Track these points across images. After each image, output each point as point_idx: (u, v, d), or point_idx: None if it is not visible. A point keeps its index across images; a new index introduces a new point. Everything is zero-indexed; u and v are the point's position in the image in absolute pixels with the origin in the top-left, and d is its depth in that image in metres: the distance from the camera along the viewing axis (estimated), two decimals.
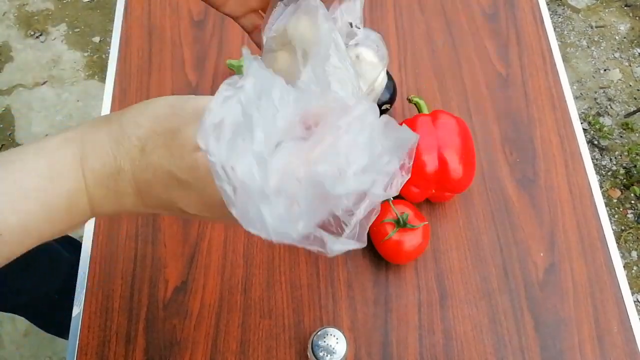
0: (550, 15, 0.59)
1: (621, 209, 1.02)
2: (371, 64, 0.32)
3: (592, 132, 1.09)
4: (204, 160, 0.20)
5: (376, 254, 0.44)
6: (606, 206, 0.48)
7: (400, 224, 0.41)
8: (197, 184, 0.20)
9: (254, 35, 0.33)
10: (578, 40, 1.18)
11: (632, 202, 1.03)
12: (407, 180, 0.47)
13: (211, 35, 0.55)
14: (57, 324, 0.73)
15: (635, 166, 1.04)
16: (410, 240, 0.42)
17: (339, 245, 0.19)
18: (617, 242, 0.46)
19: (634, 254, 0.97)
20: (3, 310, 0.63)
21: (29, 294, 0.63)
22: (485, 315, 0.42)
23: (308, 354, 0.37)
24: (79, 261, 0.45)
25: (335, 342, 0.36)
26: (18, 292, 0.61)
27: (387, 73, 0.48)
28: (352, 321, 0.42)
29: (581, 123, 0.52)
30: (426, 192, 0.44)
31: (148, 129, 0.21)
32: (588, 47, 1.18)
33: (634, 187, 1.01)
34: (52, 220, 0.21)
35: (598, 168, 1.05)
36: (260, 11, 0.33)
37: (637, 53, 1.18)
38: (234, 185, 0.18)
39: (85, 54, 1.21)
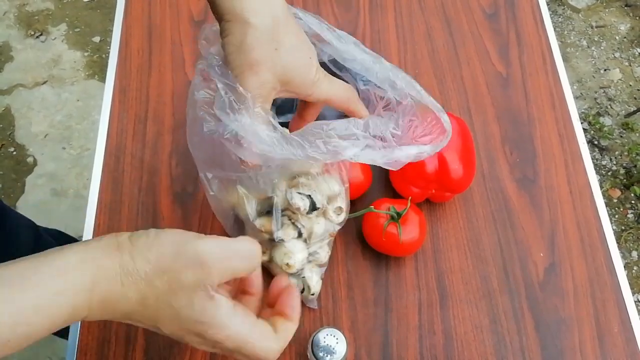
0: (551, 15, 0.59)
1: (621, 209, 1.02)
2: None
3: (592, 132, 1.09)
4: (198, 300, 0.25)
5: (376, 254, 0.44)
6: (606, 206, 0.48)
7: (395, 218, 0.41)
8: (186, 318, 0.25)
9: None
10: (578, 40, 1.18)
11: (633, 202, 1.02)
12: (407, 180, 0.48)
13: None
14: None
15: (635, 166, 1.04)
16: (409, 232, 0.42)
17: None
18: (617, 242, 0.46)
19: (634, 254, 0.97)
20: None
21: None
22: (485, 315, 0.42)
23: (308, 354, 0.37)
24: None
25: (335, 342, 0.36)
26: None
27: None
28: (352, 322, 0.42)
29: (581, 123, 0.52)
30: (426, 192, 0.44)
31: (154, 266, 0.25)
32: (588, 47, 1.18)
33: (634, 187, 1.01)
34: (52, 329, 0.24)
35: (598, 168, 1.05)
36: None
37: (637, 53, 1.18)
38: None
39: (86, 54, 1.21)
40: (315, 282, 0.41)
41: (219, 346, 0.26)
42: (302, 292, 0.41)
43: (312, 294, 0.41)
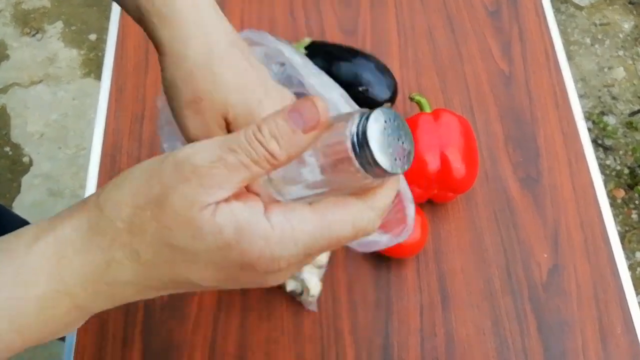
0: (554, 12, 0.58)
1: (625, 209, 1.01)
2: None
3: (596, 131, 1.09)
4: (204, 222, 0.17)
5: (377, 255, 0.44)
6: (610, 206, 0.48)
7: None
8: (205, 253, 0.17)
9: None
10: (582, 38, 1.17)
11: (637, 202, 1.02)
12: (409, 180, 0.47)
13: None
14: None
15: (639, 166, 1.03)
16: (411, 233, 0.40)
17: None
18: (621, 243, 0.46)
19: (639, 254, 0.97)
20: None
21: None
22: (487, 317, 0.42)
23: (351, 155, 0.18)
24: None
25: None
26: None
27: (388, 70, 0.48)
28: (352, 324, 0.41)
29: (585, 122, 0.52)
30: (428, 192, 0.44)
31: (130, 206, 0.18)
32: (592, 45, 1.17)
33: (639, 187, 1.00)
34: (20, 330, 0.18)
35: (602, 168, 1.04)
36: None
37: None
38: None
39: (82, 52, 1.20)
40: (314, 284, 0.40)
41: (289, 268, 0.17)
42: (301, 294, 0.41)
43: (312, 296, 0.41)
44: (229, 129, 0.26)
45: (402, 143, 0.17)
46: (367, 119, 0.16)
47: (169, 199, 0.17)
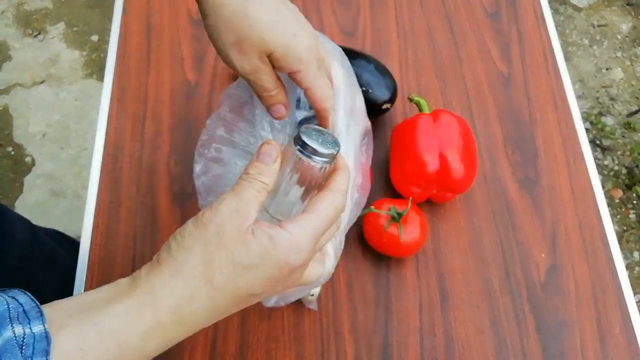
0: (552, 14, 0.58)
1: (623, 210, 1.01)
2: None
3: (594, 131, 1.09)
4: (250, 239, 0.24)
5: (377, 255, 0.44)
6: (608, 206, 0.48)
7: (396, 219, 0.41)
8: (255, 261, 0.24)
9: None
10: (580, 39, 1.18)
11: (635, 202, 1.02)
12: (408, 180, 0.47)
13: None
14: None
15: (637, 166, 1.03)
16: (410, 233, 0.41)
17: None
18: (619, 243, 0.46)
19: (636, 254, 0.97)
20: None
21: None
22: (486, 316, 0.42)
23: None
24: (76, 261, 0.44)
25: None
26: None
27: (388, 72, 0.48)
28: (352, 323, 0.42)
29: (583, 122, 0.52)
30: (427, 192, 0.44)
31: (198, 247, 0.24)
32: (590, 46, 1.18)
33: (636, 187, 1.01)
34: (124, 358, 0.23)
35: (600, 168, 1.04)
36: None
37: (639, 52, 1.18)
38: None
39: (84, 53, 1.21)
40: None
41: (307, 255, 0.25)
42: None
43: (312, 295, 0.41)
44: (271, 61, 0.30)
45: (327, 136, 0.27)
46: (300, 134, 0.26)
47: (225, 229, 0.24)
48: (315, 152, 0.26)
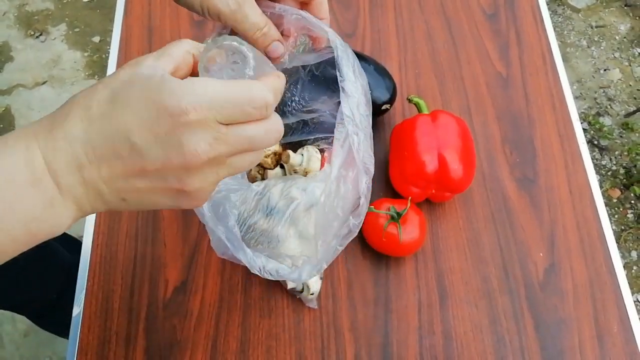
0: (550, 15, 0.59)
1: (621, 209, 1.02)
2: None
3: (592, 132, 1.09)
4: (144, 71, 0.22)
5: (376, 254, 0.44)
6: (606, 206, 0.48)
7: (395, 218, 0.41)
8: (133, 94, 0.22)
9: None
10: (578, 40, 1.18)
11: (632, 202, 1.03)
12: (407, 180, 0.47)
13: (211, 36, 0.55)
14: (56, 323, 0.73)
15: (635, 166, 1.04)
16: (409, 232, 0.42)
17: None
18: (617, 242, 0.46)
19: (634, 253, 0.97)
20: (1, 308, 0.64)
21: (27, 293, 0.63)
22: (485, 315, 0.42)
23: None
24: (78, 260, 0.45)
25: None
26: (16, 291, 0.61)
27: (387, 72, 0.49)
28: (352, 322, 0.42)
29: (581, 123, 0.52)
30: (426, 192, 0.44)
31: (89, 90, 0.23)
32: (588, 47, 1.18)
33: (634, 187, 1.01)
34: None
35: (598, 168, 1.05)
36: None
37: (637, 53, 1.18)
38: None
39: (86, 54, 1.21)
40: (314, 282, 0.41)
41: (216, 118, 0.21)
42: (301, 291, 0.41)
43: (312, 294, 0.41)
44: None
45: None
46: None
47: (120, 73, 0.23)
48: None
